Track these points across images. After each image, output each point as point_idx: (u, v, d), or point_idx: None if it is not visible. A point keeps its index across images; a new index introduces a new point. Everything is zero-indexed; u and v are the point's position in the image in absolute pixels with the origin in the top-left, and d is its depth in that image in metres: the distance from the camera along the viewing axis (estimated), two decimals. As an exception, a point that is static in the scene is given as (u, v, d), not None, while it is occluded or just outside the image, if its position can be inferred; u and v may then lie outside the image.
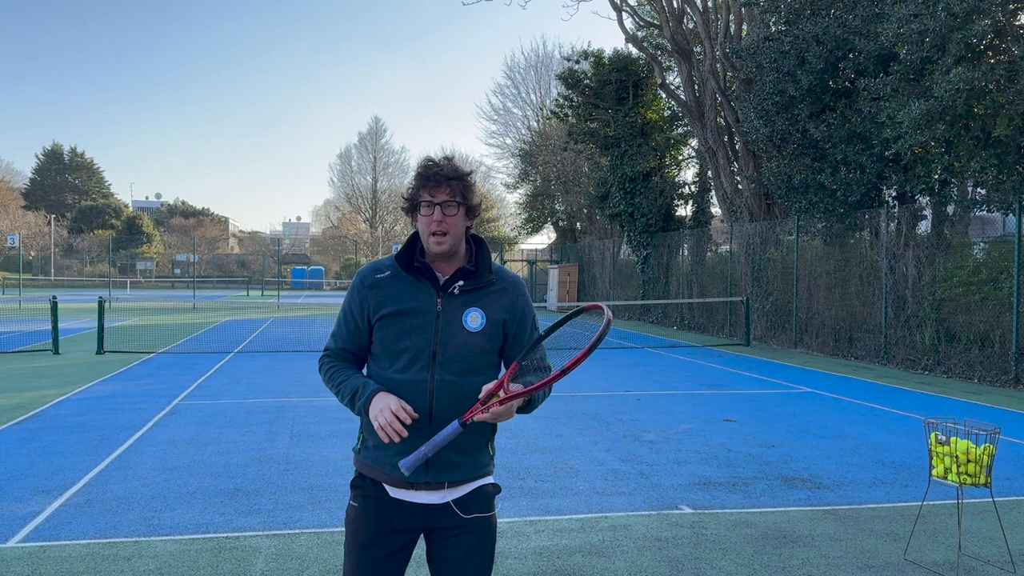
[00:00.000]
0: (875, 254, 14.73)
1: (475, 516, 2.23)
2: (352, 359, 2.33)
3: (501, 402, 2.03)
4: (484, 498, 2.28)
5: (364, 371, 2.35)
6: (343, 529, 4.87)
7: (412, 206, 2.21)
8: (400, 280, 2.23)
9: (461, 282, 2.21)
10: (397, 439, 2.06)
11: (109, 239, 54.39)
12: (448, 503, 2.22)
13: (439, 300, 2.20)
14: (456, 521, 2.23)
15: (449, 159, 2.21)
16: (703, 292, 21.69)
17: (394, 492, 2.23)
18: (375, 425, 2.08)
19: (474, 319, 2.20)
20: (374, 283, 2.25)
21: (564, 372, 2.01)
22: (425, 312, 2.19)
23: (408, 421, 2.07)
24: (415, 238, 2.27)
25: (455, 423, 2.06)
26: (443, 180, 2.15)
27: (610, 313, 2.12)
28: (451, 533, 2.23)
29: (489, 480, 2.32)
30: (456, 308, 2.20)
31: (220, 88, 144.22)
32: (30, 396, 9.71)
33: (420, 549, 2.34)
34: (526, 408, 2.20)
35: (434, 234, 2.16)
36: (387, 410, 2.06)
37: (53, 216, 67.30)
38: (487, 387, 2.08)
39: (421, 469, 2.18)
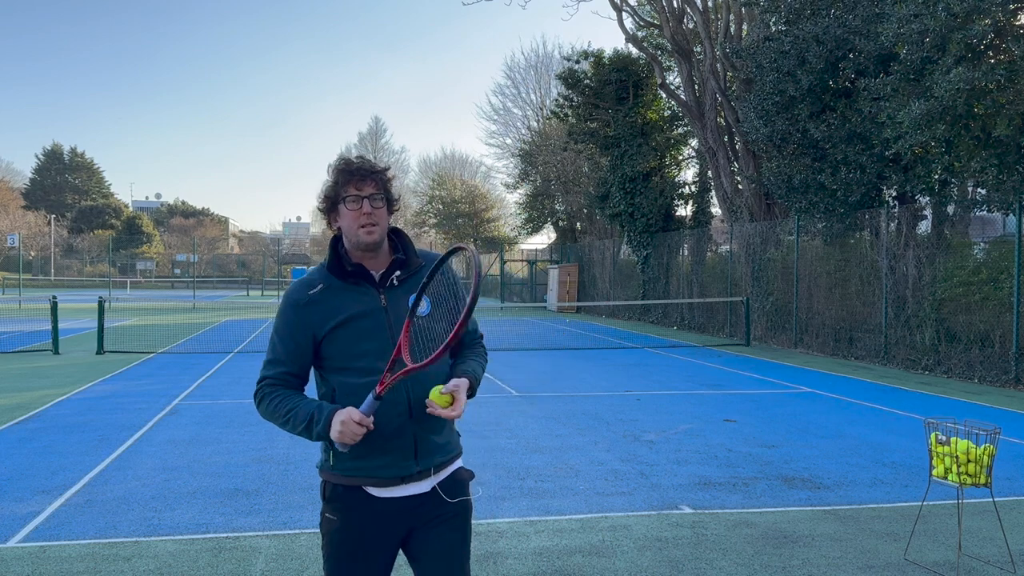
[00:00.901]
0: (875, 254, 14.73)
1: (459, 500, 2.27)
2: (295, 383, 2.25)
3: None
4: (462, 484, 2.31)
5: (324, 382, 2.30)
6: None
7: (334, 204, 2.22)
8: (336, 289, 2.22)
9: (398, 272, 2.24)
10: (353, 442, 2.05)
11: (109, 239, 54.43)
12: (434, 488, 2.24)
13: (382, 296, 2.21)
14: (438, 510, 2.24)
15: (362, 157, 2.26)
16: (703, 292, 21.69)
17: (381, 492, 2.20)
18: (339, 441, 2.06)
19: (420, 305, 2.21)
20: (309, 300, 2.21)
21: (448, 345, 2.04)
22: (373, 312, 2.19)
23: (369, 428, 2.06)
24: (336, 243, 2.27)
25: (370, 397, 2.07)
26: (368, 174, 2.19)
27: (473, 251, 2.07)
28: (432, 524, 2.24)
29: (460, 463, 2.35)
30: (400, 298, 2.22)
31: (220, 88, 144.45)
32: (30, 396, 9.71)
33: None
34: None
35: (363, 226, 2.18)
36: (349, 423, 2.03)
37: (53, 216, 67.31)
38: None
39: (411, 461, 2.19)
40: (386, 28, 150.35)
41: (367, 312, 2.19)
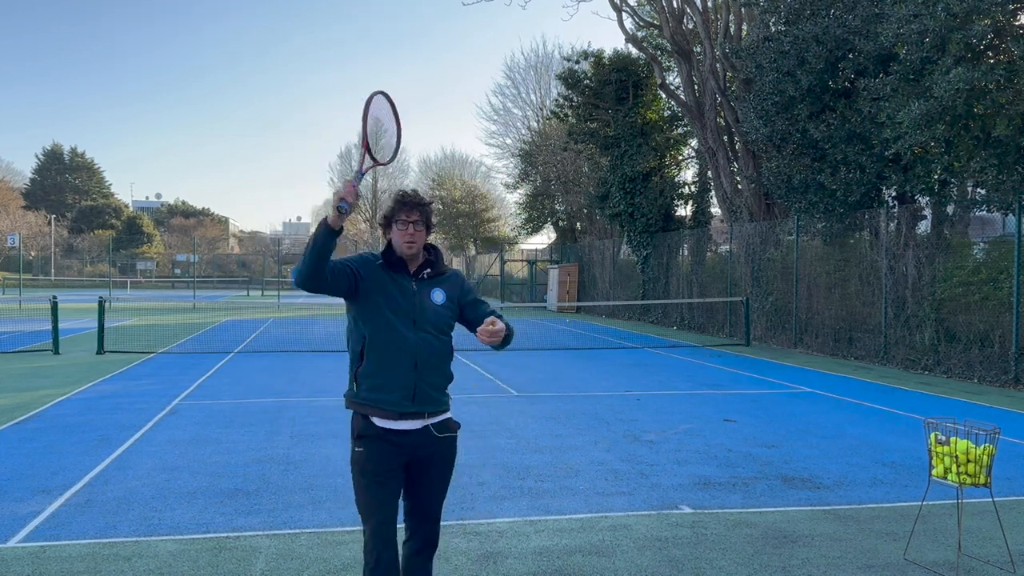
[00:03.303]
0: (875, 254, 14.73)
1: (446, 435, 3.12)
2: (332, 265, 2.96)
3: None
4: (448, 426, 3.15)
5: (358, 331, 3.08)
6: (344, 529, 4.88)
7: (388, 222, 3.12)
8: (386, 269, 3.10)
9: (428, 270, 3.14)
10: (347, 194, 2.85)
11: (109, 239, 54.43)
12: (427, 427, 3.06)
13: (414, 284, 3.09)
14: (431, 448, 3.07)
15: (415, 191, 3.17)
16: (703, 292, 21.69)
17: (384, 423, 3.01)
18: (335, 200, 2.83)
19: (438, 296, 3.12)
20: (371, 261, 3.10)
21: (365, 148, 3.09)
22: (406, 290, 3.07)
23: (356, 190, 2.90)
24: (390, 245, 3.14)
25: (357, 172, 3.02)
26: (416, 206, 3.09)
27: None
28: (426, 459, 3.08)
29: (450, 415, 3.20)
30: (425, 288, 3.11)
31: (220, 88, 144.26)
32: (30, 396, 9.71)
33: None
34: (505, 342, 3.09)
35: (407, 241, 3.08)
36: (344, 184, 2.87)
37: (53, 216, 67.31)
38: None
39: (409, 402, 3.00)
40: (386, 28, 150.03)
41: (403, 288, 3.07)
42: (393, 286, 3.04)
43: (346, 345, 3.16)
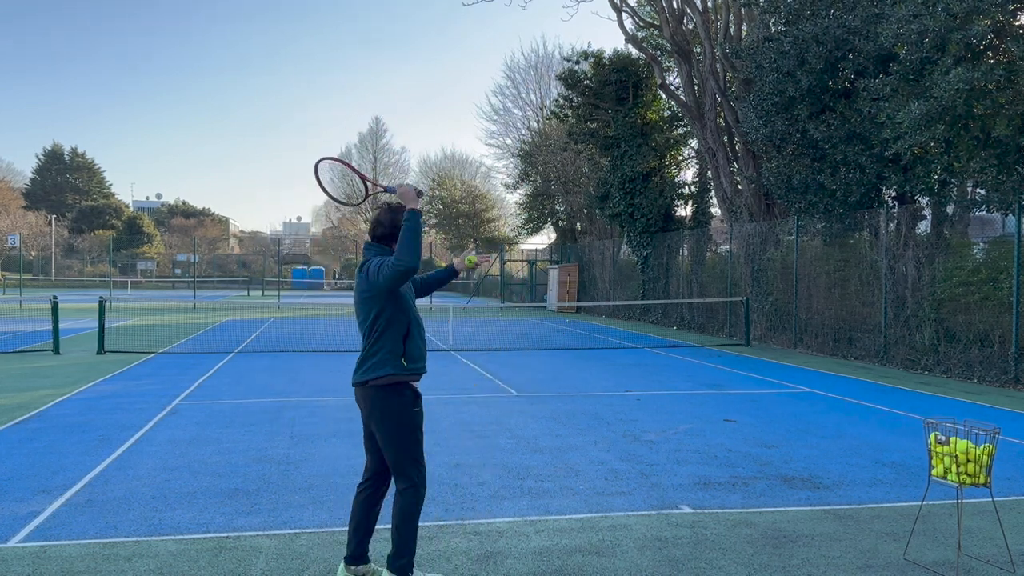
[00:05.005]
0: (875, 254, 14.74)
1: None
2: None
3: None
4: None
5: (402, 317, 3.79)
6: (344, 528, 4.88)
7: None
8: None
9: None
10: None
11: (110, 239, 54.51)
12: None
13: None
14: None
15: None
16: (703, 292, 21.69)
17: (417, 385, 3.86)
18: (413, 193, 3.66)
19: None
20: None
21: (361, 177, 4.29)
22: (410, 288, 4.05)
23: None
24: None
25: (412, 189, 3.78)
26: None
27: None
28: None
29: None
30: (408, 287, 4.01)
31: (220, 88, 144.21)
32: (30, 396, 9.71)
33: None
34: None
35: None
36: (411, 189, 3.70)
37: (54, 216, 67.33)
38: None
39: (422, 364, 3.87)
40: (386, 28, 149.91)
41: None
42: None
43: (375, 333, 3.72)
